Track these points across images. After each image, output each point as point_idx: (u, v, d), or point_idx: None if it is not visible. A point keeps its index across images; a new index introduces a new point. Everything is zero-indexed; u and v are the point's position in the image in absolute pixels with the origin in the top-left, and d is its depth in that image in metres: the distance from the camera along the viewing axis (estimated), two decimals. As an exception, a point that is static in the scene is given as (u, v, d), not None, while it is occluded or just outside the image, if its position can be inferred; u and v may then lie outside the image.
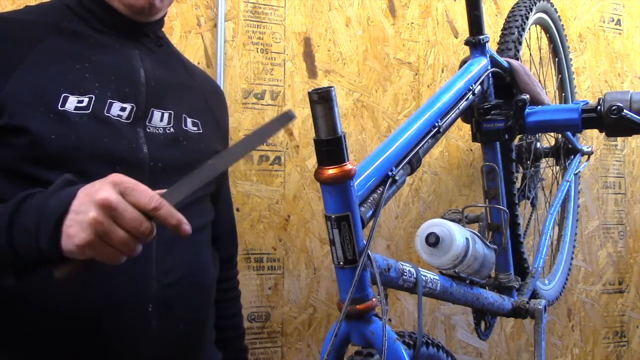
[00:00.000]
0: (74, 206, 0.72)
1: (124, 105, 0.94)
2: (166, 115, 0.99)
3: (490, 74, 1.37)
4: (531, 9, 1.67)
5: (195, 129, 1.03)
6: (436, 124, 1.09)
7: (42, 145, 0.85)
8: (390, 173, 0.93)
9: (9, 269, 0.76)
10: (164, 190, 0.75)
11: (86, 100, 0.90)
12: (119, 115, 0.92)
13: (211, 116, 1.10)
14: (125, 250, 0.73)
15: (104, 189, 0.71)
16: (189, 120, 1.03)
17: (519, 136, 1.64)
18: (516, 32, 1.59)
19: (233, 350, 1.16)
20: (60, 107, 0.87)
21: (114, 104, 0.92)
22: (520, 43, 1.59)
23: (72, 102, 0.88)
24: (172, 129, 0.99)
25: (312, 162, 1.70)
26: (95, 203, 0.70)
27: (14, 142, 0.85)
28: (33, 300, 0.86)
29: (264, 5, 1.69)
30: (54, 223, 0.72)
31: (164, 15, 1.08)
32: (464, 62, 1.38)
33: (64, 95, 0.88)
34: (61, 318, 0.86)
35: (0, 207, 0.77)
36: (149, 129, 0.96)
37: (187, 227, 0.74)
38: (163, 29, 1.10)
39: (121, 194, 0.72)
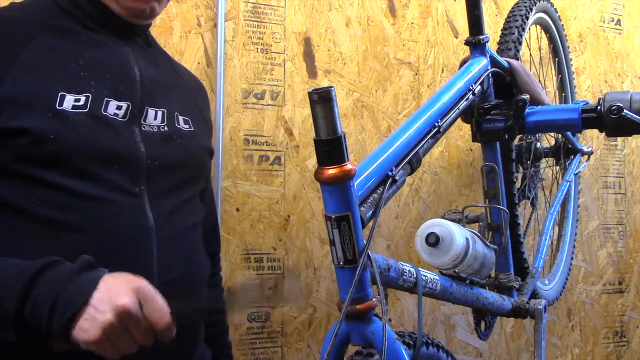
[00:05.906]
0: (94, 299, 0.75)
1: (120, 103, 0.93)
2: (159, 113, 0.99)
3: (490, 74, 1.37)
4: (531, 9, 1.67)
5: (187, 126, 1.04)
6: (436, 124, 1.09)
7: (40, 145, 0.85)
8: (390, 173, 0.93)
9: (10, 330, 0.78)
10: (175, 304, 0.81)
11: (83, 99, 0.89)
12: (115, 114, 0.92)
13: (199, 113, 1.11)
14: (125, 351, 0.77)
15: (126, 295, 0.75)
16: (180, 118, 1.03)
17: (519, 136, 1.64)
18: (516, 32, 1.59)
19: (217, 347, 1.17)
20: (58, 106, 0.86)
21: (110, 102, 0.92)
22: (520, 43, 1.59)
23: (69, 101, 0.88)
24: (165, 127, 0.99)
25: (312, 162, 1.70)
26: (115, 307, 0.74)
27: (12, 143, 0.84)
28: None
29: (264, 5, 1.69)
30: (71, 314, 0.75)
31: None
32: (464, 62, 1.38)
33: (61, 94, 0.88)
34: None
35: (13, 267, 0.78)
36: (144, 127, 0.96)
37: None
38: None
39: (140, 302, 0.76)
